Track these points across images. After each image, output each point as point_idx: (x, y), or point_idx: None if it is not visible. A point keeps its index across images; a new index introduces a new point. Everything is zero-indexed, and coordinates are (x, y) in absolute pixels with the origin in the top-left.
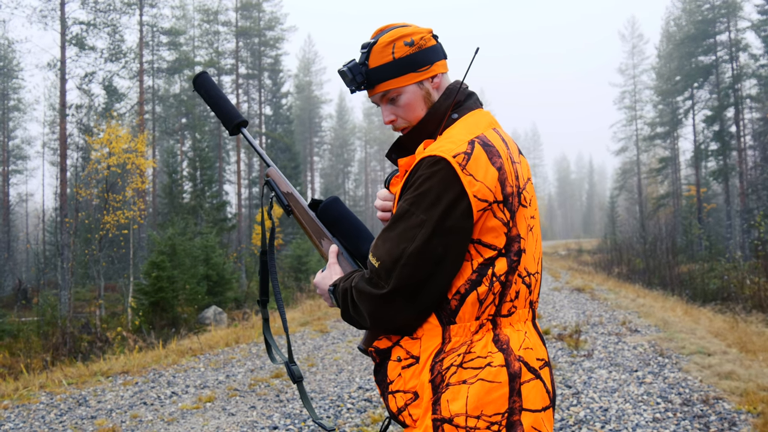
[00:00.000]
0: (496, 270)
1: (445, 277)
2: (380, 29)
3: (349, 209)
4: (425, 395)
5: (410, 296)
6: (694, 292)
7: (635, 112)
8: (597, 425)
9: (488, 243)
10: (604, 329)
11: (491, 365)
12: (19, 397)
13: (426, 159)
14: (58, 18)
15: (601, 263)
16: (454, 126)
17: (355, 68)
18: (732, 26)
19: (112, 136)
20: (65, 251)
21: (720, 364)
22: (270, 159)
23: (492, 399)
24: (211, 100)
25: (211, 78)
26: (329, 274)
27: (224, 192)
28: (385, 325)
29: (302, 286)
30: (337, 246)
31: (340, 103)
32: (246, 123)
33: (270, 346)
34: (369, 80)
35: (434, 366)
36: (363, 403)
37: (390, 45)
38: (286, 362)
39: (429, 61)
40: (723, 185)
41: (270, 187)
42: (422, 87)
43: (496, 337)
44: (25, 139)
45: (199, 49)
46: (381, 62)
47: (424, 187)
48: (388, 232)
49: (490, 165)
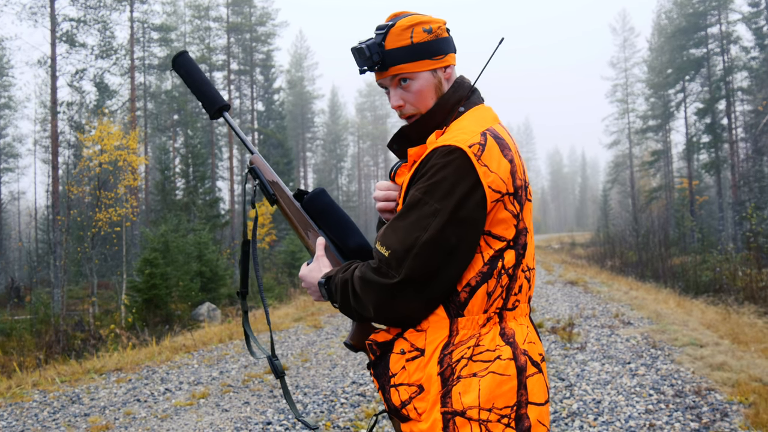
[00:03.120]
0: (505, 262)
1: (457, 268)
2: (397, 14)
3: (335, 201)
4: (433, 388)
5: (421, 287)
6: (687, 284)
7: (627, 105)
8: (590, 417)
9: (498, 235)
10: (597, 322)
11: (501, 358)
12: (12, 396)
13: (440, 148)
14: (48, 15)
15: (594, 256)
16: (463, 118)
17: (373, 46)
18: (723, 19)
19: (104, 133)
20: (58, 249)
21: (712, 355)
22: (252, 145)
23: (502, 392)
24: (193, 82)
25: (192, 59)
26: (317, 266)
27: (217, 188)
28: (391, 316)
29: (296, 282)
30: (324, 239)
31: (333, 99)
32: (228, 107)
33: (249, 339)
34: (384, 61)
35: (443, 358)
36: (356, 397)
37: (409, 29)
38: (269, 356)
39: (444, 51)
40: (715, 177)
41: (254, 175)
42: (435, 75)
43: (502, 330)
44: (17, 136)
45: (190, 45)
46: (398, 44)
47: (439, 176)
48: (399, 221)
49: (502, 157)
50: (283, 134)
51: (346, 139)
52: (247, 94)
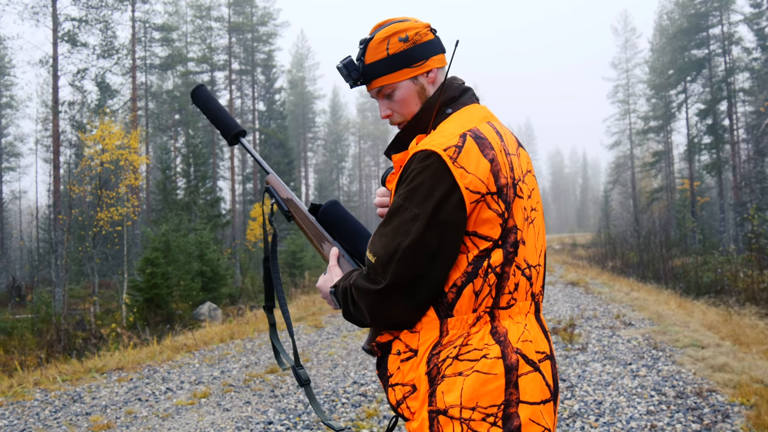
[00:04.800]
0: (491, 261)
1: (441, 270)
2: (378, 24)
3: (348, 211)
4: (422, 388)
5: (407, 290)
6: (688, 286)
7: (628, 106)
8: (591, 418)
9: (483, 234)
10: (599, 323)
11: (487, 357)
12: (14, 394)
13: (418, 153)
14: (49, 14)
15: (595, 257)
16: (448, 120)
17: (350, 65)
18: (725, 20)
19: (105, 132)
20: (59, 248)
21: (713, 356)
22: (269, 166)
23: (487, 390)
24: (210, 111)
25: (208, 90)
26: (330, 276)
27: (218, 188)
28: (384, 321)
29: (297, 282)
30: (338, 248)
31: (334, 99)
32: (244, 133)
33: (278, 352)
34: (365, 76)
35: (431, 358)
36: (358, 397)
37: (385, 41)
38: (293, 366)
39: (424, 56)
40: (716, 179)
41: (270, 194)
42: (416, 82)
43: (493, 329)
44: (18, 136)
45: (191, 45)
46: (376, 58)
47: (417, 182)
48: (383, 228)
49: (481, 157)
50: (284, 134)
51: (347, 139)
52: (249, 94)
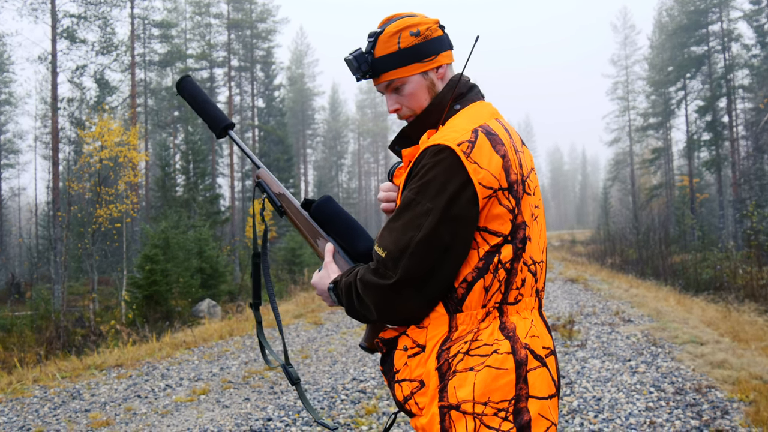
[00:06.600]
0: (501, 257)
1: (453, 265)
2: (388, 18)
3: (342, 207)
4: (431, 383)
5: (418, 285)
6: (687, 282)
7: (628, 102)
8: (590, 415)
9: (494, 230)
10: (598, 319)
11: (498, 352)
12: (13, 391)
13: (430, 148)
14: (48, 11)
15: (594, 254)
16: (457, 116)
17: (360, 57)
18: (724, 16)
19: (104, 129)
20: (58, 245)
21: (712, 353)
22: (259, 160)
23: (499, 385)
24: (197, 104)
25: (195, 81)
26: (326, 273)
27: (217, 185)
28: (393, 316)
29: (296, 279)
30: (333, 245)
31: (333, 96)
32: (233, 125)
33: (264, 349)
34: (374, 69)
35: (441, 354)
36: (357, 394)
37: (396, 35)
38: (283, 365)
39: (434, 51)
40: (716, 175)
41: (261, 189)
42: (426, 77)
43: (502, 324)
44: (17, 132)
45: (190, 41)
46: (386, 52)
47: (429, 176)
48: (393, 222)
49: (494, 153)
50: (283, 131)
51: (346, 136)
52: (248, 91)
